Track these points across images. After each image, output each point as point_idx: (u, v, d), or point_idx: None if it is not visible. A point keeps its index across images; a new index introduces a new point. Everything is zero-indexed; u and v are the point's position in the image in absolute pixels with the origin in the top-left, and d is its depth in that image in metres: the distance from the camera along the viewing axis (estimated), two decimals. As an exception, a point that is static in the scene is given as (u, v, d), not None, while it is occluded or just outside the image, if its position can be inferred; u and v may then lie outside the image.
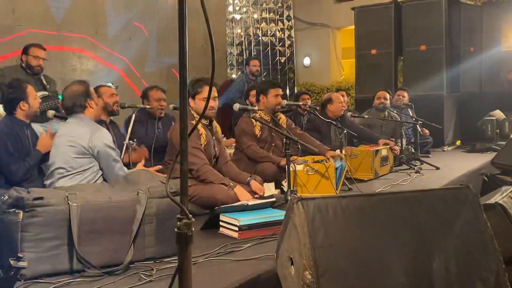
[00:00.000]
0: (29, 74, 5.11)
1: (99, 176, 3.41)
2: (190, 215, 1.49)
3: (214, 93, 3.94)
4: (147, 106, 5.00)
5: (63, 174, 3.32)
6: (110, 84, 5.00)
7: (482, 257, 2.08)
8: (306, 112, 6.38)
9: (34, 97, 3.92)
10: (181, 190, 1.50)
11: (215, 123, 4.14)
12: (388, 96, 6.62)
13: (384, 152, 5.40)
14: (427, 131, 6.89)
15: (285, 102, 5.44)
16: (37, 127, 4.28)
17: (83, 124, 3.40)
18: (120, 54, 7.62)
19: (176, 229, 1.49)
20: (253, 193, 3.92)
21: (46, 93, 5.04)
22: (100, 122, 4.35)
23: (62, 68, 6.77)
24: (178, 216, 1.48)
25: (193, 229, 1.49)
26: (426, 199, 2.16)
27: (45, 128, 4.23)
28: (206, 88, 3.90)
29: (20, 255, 2.06)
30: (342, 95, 7.03)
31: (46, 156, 3.69)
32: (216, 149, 4.04)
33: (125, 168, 3.50)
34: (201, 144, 3.85)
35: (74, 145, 3.31)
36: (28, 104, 3.83)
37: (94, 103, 3.52)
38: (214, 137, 4.03)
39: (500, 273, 2.06)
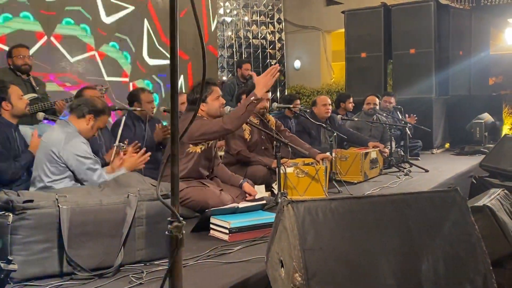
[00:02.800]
0: (19, 75, 5.09)
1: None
2: (181, 218, 1.50)
3: (220, 91, 4.00)
4: (138, 109, 4.99)
5: (40, 183, 3.28)
6: (99, 87, 5.00)
7: (470, 259, 2.10)
8: (293, 115, 6.39)
9: (19, 97, 3.85)
10: (172, 193, 1.50)
11: None
12: (377, 100, 6.68)
13: (373, 155, 5.43)
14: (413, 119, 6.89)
15: (275, 104, 5.47)
16: (25, 129, 4.26)
17: (60, 132, 3.31)
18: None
19: (167, 232, 1.49)
20: (245, 194, 3.93)
21: (35, 95, 5.03)
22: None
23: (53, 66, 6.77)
24: (169, 219, 1.49)
25: (184, 232, 1.50)
26: (415, 202, 2.18)
27: (33, 130, 4.21)
28: (216, 88, 3.94)
29: (10, 258, 2.05)
30: (350, 102, 7.08)
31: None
32: (213, 151, 4.05)
33: (106, 176, 3.37)
34: (200, 148, 3.85)
35: (49, 153, 3.25)
36: (11, 104, 3.80)
37: (91, 124, 3.42)
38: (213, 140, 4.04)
39: (487, 275, 2.08)
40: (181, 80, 8.53)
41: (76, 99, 3.56)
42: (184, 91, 7.98)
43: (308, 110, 6.19)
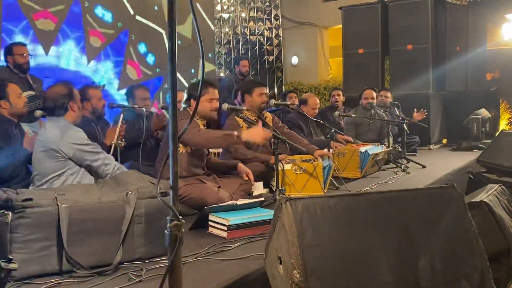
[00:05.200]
0: (15, 73, 5.09)
1: (78, 179, 3.34)
2: (181, 217, 1.51)
3: (216, 94, 3.99)
4: (136, 106, 4.99)
5: (40, 181, 3.28)
6: (98, 85, 5.00)
7: (467, 255, 2.11)
8: (294, 110, 6.40)
9: (17, 95, 3.85)
10: (171, 192, 1.51)
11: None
12: (374, 94, 6.67)
13: (381, 155, 5.43)
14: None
15: (273, 101, 5.47)
16: (25, 127, 4.25)
17: (54, 126, 3.31)
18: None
19: (166, 231, 1.50)
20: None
21: (32, 92, 5.02)
22: (89, 120, 4.35)
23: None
24: (169, 217, 1.50)
25: (183, 230, 1.51)
26: (412, 199, 2.20)
27: (33, 128, 4.21)
28: (211, 90, 3.94)
29: (10, 256, 2.06)
30: (338, 95, 7.12)
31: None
32: (209, 150, 4.07)
33: (111, 158, 3.42)
34: (190, 147, 3.86)
35: (46, 149, 3.25)
36: (10, 103, 3.79)
37: (77, 106, 3.42)
38: None
39: (484, 271, 2.10)
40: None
41: (45, 102, 3.49)
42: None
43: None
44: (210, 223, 3.18)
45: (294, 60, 11.69)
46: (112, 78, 7.58)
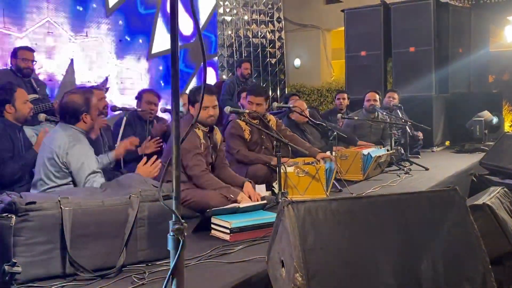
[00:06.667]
0: (19, 77, 5.11)
1: None
2: (183, 220, 1.52)
3: (215, 101, 3.92)
4: (138, 109, 5.01)
5: (43, 186, 3.24)
6: (100, 87, 5.03)
7: (469, 258, 2.12)
8: (291, 111, 6.38)
9: (23, 101, 3.85)
10: (174, 195, 1.52)
11: (216, 131, 4.10)
12: (377, 96, 6.65)
13: (383, 158, 5.43)
14: (420, 134, 6.92)
15: (275, 104, 5.48)
16: (27, 130, 4.28)
17: (63, 135, 3.24)
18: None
19: (169, 235, 1.51)
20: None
21: (36, 96, 5.05)
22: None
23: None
24: (172, 221, 1.50)
25: (185, 234, 1.51)
26: (414, 202, 2.20)
27: (36, 131, 4.23)
28: (206, 97, 3.80)
29: (14, 260, 2.07)
30: (343, 98, 7.15)
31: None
32: (213, 156, 4.03)
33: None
34: None
35: (51, 157, 3.19)
36: (15, 108, 3.80)
37: (90, 118, 3.32)
38: (212, 145, 4.02)
39: (486, 273, 2.10)
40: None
41: (59, 109, 3.41)
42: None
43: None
44: (212, 225, 3.19)
45: (297, 62, 11.70)
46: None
